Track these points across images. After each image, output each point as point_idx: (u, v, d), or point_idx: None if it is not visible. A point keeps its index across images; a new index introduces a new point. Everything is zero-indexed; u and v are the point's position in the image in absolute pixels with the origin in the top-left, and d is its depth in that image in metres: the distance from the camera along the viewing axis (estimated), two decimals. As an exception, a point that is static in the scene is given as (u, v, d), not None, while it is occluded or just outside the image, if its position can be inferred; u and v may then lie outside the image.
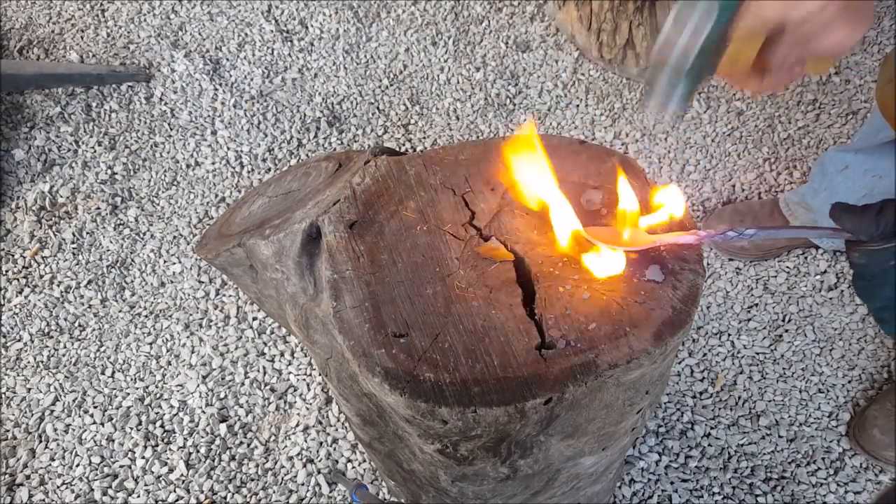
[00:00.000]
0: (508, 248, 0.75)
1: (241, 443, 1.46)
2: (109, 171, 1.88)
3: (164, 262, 1.73)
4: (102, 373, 1.56)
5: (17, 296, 1.67)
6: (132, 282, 1.70)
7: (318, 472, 1.42)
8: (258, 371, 1.55)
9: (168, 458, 1.44)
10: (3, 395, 1.54)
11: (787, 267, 1.68)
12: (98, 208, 1.81)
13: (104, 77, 2.02)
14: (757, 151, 1.88)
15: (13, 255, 1.73)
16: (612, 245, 0.72)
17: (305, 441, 1.46)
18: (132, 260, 1.73)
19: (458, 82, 2.07)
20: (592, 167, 0.82)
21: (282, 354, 1.57)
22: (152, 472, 1.43)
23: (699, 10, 0.62)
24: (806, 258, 1.69)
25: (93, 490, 1.41)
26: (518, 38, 2.16)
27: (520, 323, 0.69)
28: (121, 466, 1.44)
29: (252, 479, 1.42)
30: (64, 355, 1.59)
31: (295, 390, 1.53)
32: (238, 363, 1.56)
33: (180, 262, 1.73)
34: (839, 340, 1.57)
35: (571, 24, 2.07)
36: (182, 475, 1.42)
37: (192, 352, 1.58)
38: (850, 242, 0.69)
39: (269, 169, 1.90)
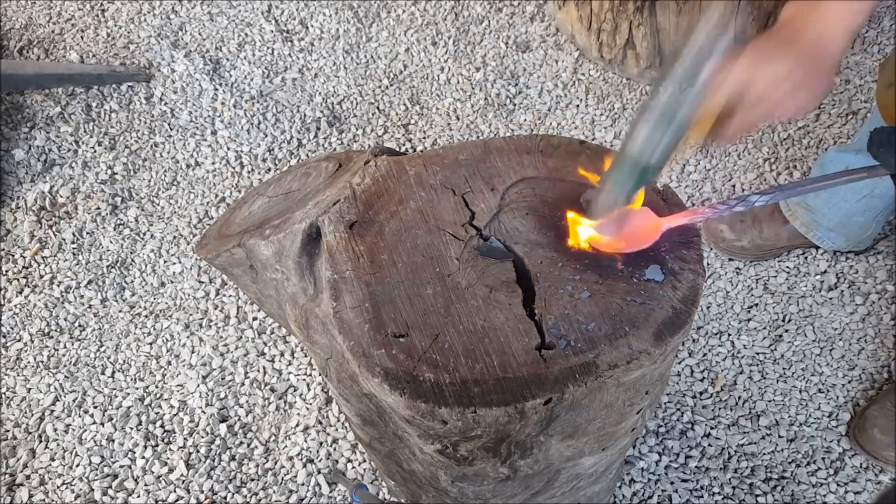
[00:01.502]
0: (508, 248, 0.75)
1: (241, 443, 1.46)
2: (109, 171, 1.88)
3: (164, 262, 1.73)
4: (102, 373, 1.56)
5: (17, 296, 1.67)
6: (132, 282, 1.70)
7: (318, 472, 1.42)
8: (258, 371, 1.55)
9: (168, 458, 1.45)
10: (3, 395, 1.54)
11: (787, 267, 1.68)
12: (98, 208, 1.81)
13: (104, 77, 2.02)
14: (757, 151, 1.88)
15: (13, 255, 1.73)
16: (617, 248, 0.72)
17: (305, 441, 1.46)
18: (132, 260, 1.73)
19: (458, 82, 2.07)
20: (592, 167, 0.82)
21: (282, 354, 1.58)
22: (152, 472, 1.43)
23: (619, 181, 0.69)
24: (806, 258, 1.69)
25: (93, 490, 1.41)
26: (518, 38, 2.16)
27: (520, 323, 0.69)
28: (121, 466, 1.44)
29: (252, 479, 1.42)
30: (64, 355, 1.59)
31: (295, 390, 1.53)
32: (238, 363, 1.56)
33: (180, 262, 1.73)
34: (839, 340, 1.57)
35: (571, 24, 2.07)
36: (182, 475, 1.42)
37: (192, 352, 1.58)
38: (894, 175, 0.69)
39: (269, 169, 1.90)
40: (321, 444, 1.45)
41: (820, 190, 0.71)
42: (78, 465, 1.44)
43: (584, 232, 0.74)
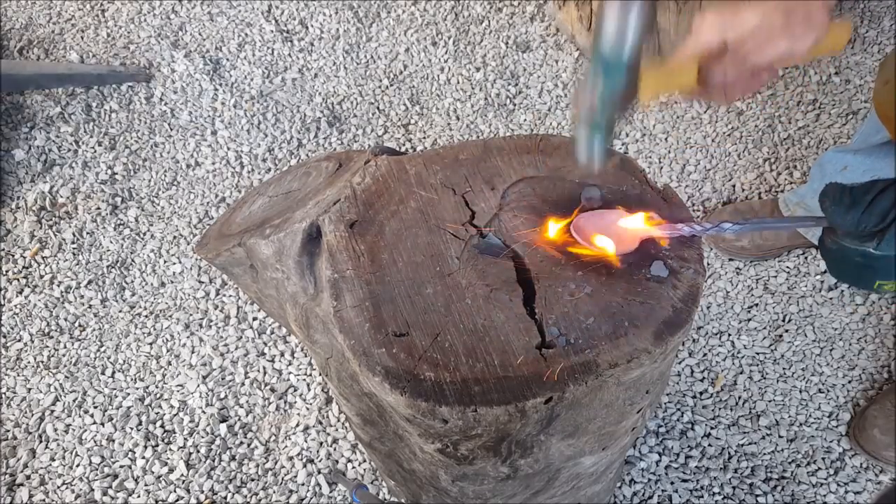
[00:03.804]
0: (508, 247, 0.75)
1: (242, 443, 1.46)
2: (109, 171, 1.88)
3: (165, 262, 1.73)
4: (102, 373, 1.56)
5: (17, 296, 1.67)
6: (132, 282, 1.70)
7: (319, 472, 1.42)
8: (258, 371, 1.55)
9: (168, 458, 1.44)
10: (3, 395, 1.54)
11: (787, 267, 1.68)
12: (98, 208, 1.81)
13: (104, 77, 2.02)
14: (757, 151, 1.88)
15: (13, 255, 1.73)
16: (598, 249, 0.73)
17: (305, 441, 1.46)
18: (132, 260, 1.73)
19: (458, 82, 2.07)
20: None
21: (282, 354, 1.57)
22: (152, 472, 1.43)
23: (591, 73, 0.66)
24: (806, 258, 1.69)
25: (93, 490, 1.41)
26: (518, 38, 2.16)
27: (520, 322, 0.69)
28: (121, 466, 1.44)
29: (252, 479, 1.42)
30: (64, 355, 1.59)
31: (295, 390, 1.53)
32: (238, 363, 1.56)
33: (180, 262, 1.73)
34: (839, 340, 1.57)
35: (571, 24, 2.07)
36: (182, 475, 1.42)
37: (193, 352, 1.58)
38: (828, 228, 0.71)
39: (270, 169, 1.90)
40: (321, 444, 1.45)
41: (779, 228, 0.73)
42: (78, 465, 1.44)
43: (568, 227, 0.75)
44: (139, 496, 1.40)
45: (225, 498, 1.40)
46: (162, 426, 1.49)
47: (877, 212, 0.65)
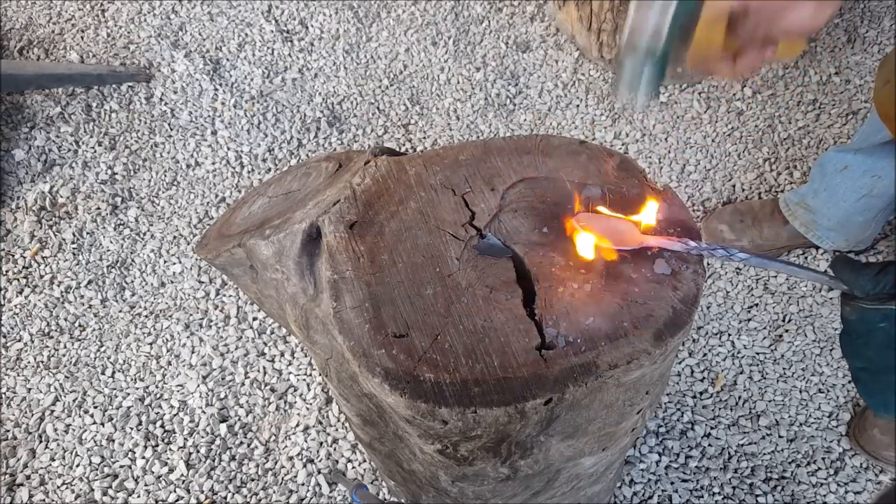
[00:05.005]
0: (508, 248, 0.75)
1: (242, 443, 1.46)
2: (109, 171, 1.88)
3: (165, 262, 1.73)
4: (102, 373, 1.56)
5: (17, 296, 1.67)
6: (132, 282, 1.70)
7: (318, 472, 1.42)
8: (258, 371, 1.55)
9: (168, 458, 1.45)
10: (3, 395, 1.54)
11: (787, 267, 1.68)
12: (98, 208, 1.80)
13: (104, 77, 2.02)
14: (757, 151, 1.88)
15: (13, 255, 1.73)
16: (602, 241, 0.72)
17: (305, 441, 1.46)
18: (132, 260, 1.73)
19: (458, 82, 2.06)
20: (592, 167, 0.82)
21: (282, 354, 1.57)
22: (152, 472, 1.43)
23: None
24: (806, 258, 1.69)
25: (93, 490, 1.41)
26: (518, 38, 2.16)
27: (520, 323, 0.69)
28: (121, 466, 1.44)
29: (252, 479, 1.42)
30: (64, 355, 1.59)
31: (295, 390, 1.53)
32: (238, 363, 1.56)
33: (180, 262, 1.73)
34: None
35: (571, 24, 2.07)
36: (182, 475, 1.42)
37: (193, 352, 1.58)
38: (845, 296, 0.70)
39: (269, 169, 1.90)
40: (321, 444, 1.45)
41: (791, 273, 0.71)
42: (78, 465, 1.44)
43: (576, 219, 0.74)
44: (139, 496, 1.40)
45: (225, 498, 1.40)
46: (162, 426, 1.49)
47: (892, 272, 0.65)
